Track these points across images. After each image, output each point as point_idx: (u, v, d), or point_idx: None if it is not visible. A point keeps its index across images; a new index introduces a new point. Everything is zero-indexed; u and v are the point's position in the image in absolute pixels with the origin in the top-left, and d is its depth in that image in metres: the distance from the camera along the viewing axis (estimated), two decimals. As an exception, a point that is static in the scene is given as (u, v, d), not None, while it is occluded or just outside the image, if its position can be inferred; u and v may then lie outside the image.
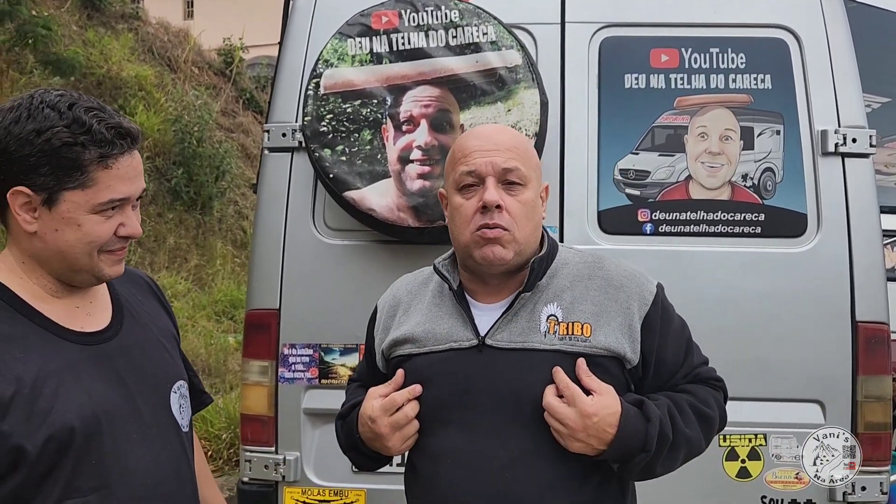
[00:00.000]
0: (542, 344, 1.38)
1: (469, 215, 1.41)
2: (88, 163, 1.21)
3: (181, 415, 1.39)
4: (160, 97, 9.28)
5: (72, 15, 9.41)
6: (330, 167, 2.31)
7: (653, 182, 2.44)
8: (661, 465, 1.38)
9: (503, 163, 1.40)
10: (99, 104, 1.26)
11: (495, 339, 1.40)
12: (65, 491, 1.18)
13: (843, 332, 2.35)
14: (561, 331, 1.38)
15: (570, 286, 1.44)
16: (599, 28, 2.50)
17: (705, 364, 1.53)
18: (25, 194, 1.21)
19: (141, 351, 1.36)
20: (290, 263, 2.48)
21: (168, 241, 8.34)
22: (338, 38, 2.35)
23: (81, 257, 1.25)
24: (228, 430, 4.78)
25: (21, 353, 1.20)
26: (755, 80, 2.45)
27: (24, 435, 1.15)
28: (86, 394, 1.23)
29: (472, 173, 1.41)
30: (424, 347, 1.44)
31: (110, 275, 1.30)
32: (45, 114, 1.20)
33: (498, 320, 1.41)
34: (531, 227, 1.43)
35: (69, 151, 1.19)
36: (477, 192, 1.41)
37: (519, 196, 1.41)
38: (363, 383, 1.61)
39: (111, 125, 1.23)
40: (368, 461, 1.54)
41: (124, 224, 1.27)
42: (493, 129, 1.51)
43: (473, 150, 1.42)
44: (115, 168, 1.23)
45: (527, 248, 1.42)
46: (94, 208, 1.23)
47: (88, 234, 1.24)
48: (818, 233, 2.39)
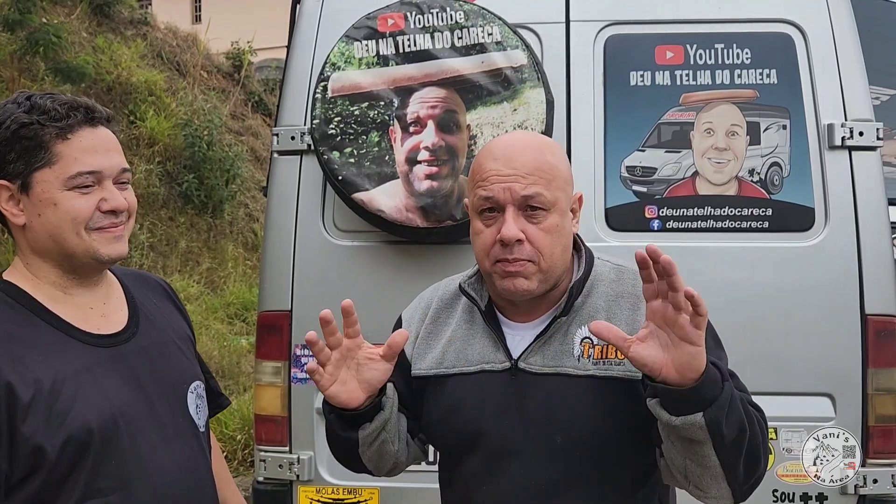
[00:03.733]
0: (576, 369, 1.31)
1: (488, 245, 1.32)
2: (49, 138, 1.25)
3: (198, 415, 1.41)
4: (170, 102, 9.34)
5: (81, 22, 9.49)
6: (339, 169, 2.33)
7: (659, 178, 2.45)
8: (727, 431, 1.16)
9: (523, 189, 1.29)
10: (58, 93, 1.31)
11: (528, 362, 1.34)
12: (85, 492, 1.20)
13: (852, 325, 2.35)
14: (595, 354, 1.32)
15: (606, 307, 1.36)
16: (604, 26, 2.51)
17: (745, 392, 1.30)
18: (5, 187, 1.26)
19: (157, 352, 1.37)
20: (300, 265, 2.51)
21: (180, 245, 8.40)
22: (344, 41, 2.38)
23: (70, 237, 1.26)
24: (243, 431, 4.82)
25: (40, 356, 1.22)
26: (761, 75, 2.45)
27: (45, 437, 1.17)
28: (104, 395, 1.25)
29: (489, 199, 1.31)
30: (454, 368, 1.38)
31: (108, 254, 1.29)
32: (5, 108, 1.28)
33: (532, 343, 1.35)
34: (558, 253, 1.33)
35: (28, 131, 1.24)
36: (496, 221, 1.31)
37: (543, 223, 1.30)
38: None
39: (64, 101, 1.28)
40: (340, 439, 1.39)
41: (106, 199, 1.28)
42: (514, 146, 1.34)
43: (491, 174, 1.31)
44: (77, 140, 1.26)
45: (554, 272, 1.33)
46: (66, 183, 1.25)
47: (68, 212, 1.25)
48: (826, 226, 2.39)
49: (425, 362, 1.43)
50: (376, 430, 1.35)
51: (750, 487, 1.25)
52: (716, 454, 1.17)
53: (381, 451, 1.38)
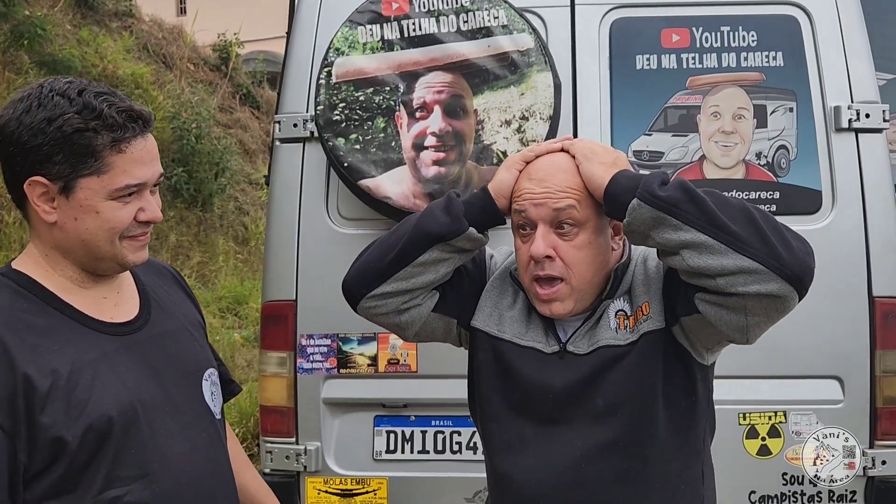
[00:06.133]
0: (616, 340, 1.38)
1: (525, 261, 1.39)
2: (102, 148, 1.20)
3: (213, 402, 1.40)
4: (157, 95, 9.24)
5: (65, 14, 9.35)
6: (344, 156, 2.30)
7: (666, 163, 2.43)
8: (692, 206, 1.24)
9: (554, 204, 1.35)
10: (109, 89, 1.25)
11: (576, 345, 1.41)
12: (107, 480, 1.18)
13: (860, 307, 2.36)
14: (631, 324, 1.39)
15: (633, 277, 1.44)
16: (610, 9, 2.49)
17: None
18: (42, 184, 1.20)
19: (171, 340, 1.36)
20: (305, 254, 2.48)
21: (170, 239, 8.32)
22: (348, 25, 2.34)
23: (103, 245, 1.24)
24: (241, 425, 4.78)
25: (55, 346, 1.20)
26: (767, 57, 2.44)
27: (64, 426, 1.15)
28: (121, 383, 1.23)
29: (522, 215, 1.38)
30: (506, 334, 1.45)
31: (134, 261, 1.29)
32: (55, 101, 1.19)
33: (580, 327, 1.42)
34: (592, 271, 1.38)
35: (81, 138, 1.18)
36: (531, 238, 1.38)
37: (574, 240, 1.36)
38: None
39: (122, 108, 1.21)
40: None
41: (143, 209, 1.26)
42: (547, 169, 1.40)
43: (525, 192, 1.38)
44: (130, 152, 1.22)
45: (590, 290, 1.39)
46: (112, 194, 1.22)
47: (108, 221, 1.23)
48: (833, 209, 2.39)
49: (483, 317, 1.48)
50: (470, 243, 1.42)
51: (780, 256, 1.20)
52: (691, 226, 1.22)
53: (437, 266, 1.42)
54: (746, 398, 2.38)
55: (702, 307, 1.29)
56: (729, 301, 1.25)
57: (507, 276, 1.51)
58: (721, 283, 1.23)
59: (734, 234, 1.22)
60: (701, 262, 1.23)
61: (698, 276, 1.26)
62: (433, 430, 2.47)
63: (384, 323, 1.51)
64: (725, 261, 1.22)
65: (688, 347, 1.39)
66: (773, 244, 1.21)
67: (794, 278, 1.21)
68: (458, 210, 1.41)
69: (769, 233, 1.22)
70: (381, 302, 1.45)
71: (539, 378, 1.40)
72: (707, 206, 1.24)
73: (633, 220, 1.27)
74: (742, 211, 1.25)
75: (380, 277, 1.43)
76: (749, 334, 1.30)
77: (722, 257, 1.22)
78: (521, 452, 1.40)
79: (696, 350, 1.40)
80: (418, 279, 1.43)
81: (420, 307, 1.47)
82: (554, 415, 1.39)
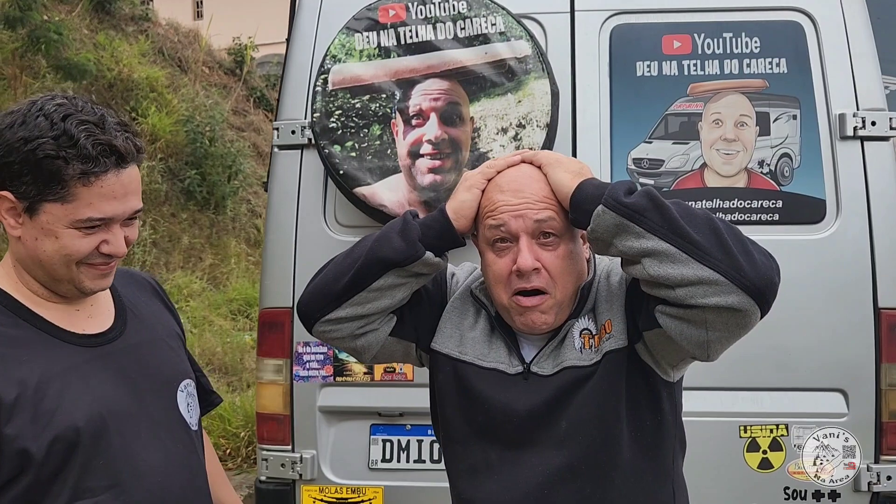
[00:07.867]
0: (580, 360, 1.36)
1: (504, 276, 1.34)
2: (70, 178, 1.18)
3: (189, 413, 1.39)
4: (171, 98, 9.31)
5: (82, 19, 9.45)
6: (340, 163, 2.29)
7: (667, 171, 2.40)
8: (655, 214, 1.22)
9: (535, 214, 1.32)
10: (100, 117, 1.22)
11: (541, 366, 1.38)
12: (75, 491, 1.18)
13: (865, 319, 2.31)
14: (596, 343, 1.37)
15: (597, 294, 1.41)
16: (610, 15, 2.46)
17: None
18: (9, 199, 1.21)
19: (147, 350, 1.36)
20: (302, 261, 2.47)
21: (182, 241, 8.37)
22: (345, 32, 2.33)
23: (59, 268, 1.23)
24: (246, 428, 4.79)
25: (24, 357, 1.20)
26: (770, 64, 2.40)
27: (30, 437, 1.15)
28: (91, 394, 1.22)
29: (501, 228, 1.33)
30: (467, 356, 1.42)
31: (92, 288, 1.27)
32: (37, 122, 1.19)
33: (544, 347, 1.39)
34: (572, 281, 1.36)
35: (51, 164, 1.18)
36: (510, 251, 1.33)
37: (557, 250, 1.33)
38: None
39: (100, 142, 1.19)
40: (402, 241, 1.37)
41: (108, 242, 1.24)
42: (519, 178, 1.36)
43: (500, 205, 1.33)
44: (98, 186, 1.20)
45: (567, 303, 1.37)
46: (73, 224, 1.21)
47: (65, 248, 1.22)
48: (837, 218, 2.34)
49: (443, 339, 1.45)
50: (427, 268, 1.37)
51: (741, 267, 1.18)
52: (653, 234, 1.20)
53: (393, 291, 1.38)
54: (747, 410, 2.34)
55: (662, 321, 1.26)
56: (689, 314, 1.22)
57: (469, 295, 1.47)
58: (681, 293, 1.21)
59: (696, 244, 1.19)
60: (661, 270, 1.21)
61: (658, 286, 1.23)
62: (429, 439, 2.45)
63: (340, 346, 1.48)
64: (686, 270, 1.19)
65: (652, 365, 1.36)
66: (734, 255, 1.19)
67: (756, 292, 1.19)
68: (415, 234, 1.35)
69: (732, 244, 1.20)
70: (335, 326, 1.41)
71: (503, 400, 1.37)
72: (671, 215, 1.21)
73: (597, 226, 1.25)
74: (707, 221, 1.22)
75: (334, 301, 1.38)
76: (710, 350, 1.27)
77: (682, 266, 1.20)
78: (486, 477, 1.37)
79: (660, 367, 1.37)
80: (374, 304, 1.38)
81: (377, 332, 1.43)
82: (518, 438, 1.36)
